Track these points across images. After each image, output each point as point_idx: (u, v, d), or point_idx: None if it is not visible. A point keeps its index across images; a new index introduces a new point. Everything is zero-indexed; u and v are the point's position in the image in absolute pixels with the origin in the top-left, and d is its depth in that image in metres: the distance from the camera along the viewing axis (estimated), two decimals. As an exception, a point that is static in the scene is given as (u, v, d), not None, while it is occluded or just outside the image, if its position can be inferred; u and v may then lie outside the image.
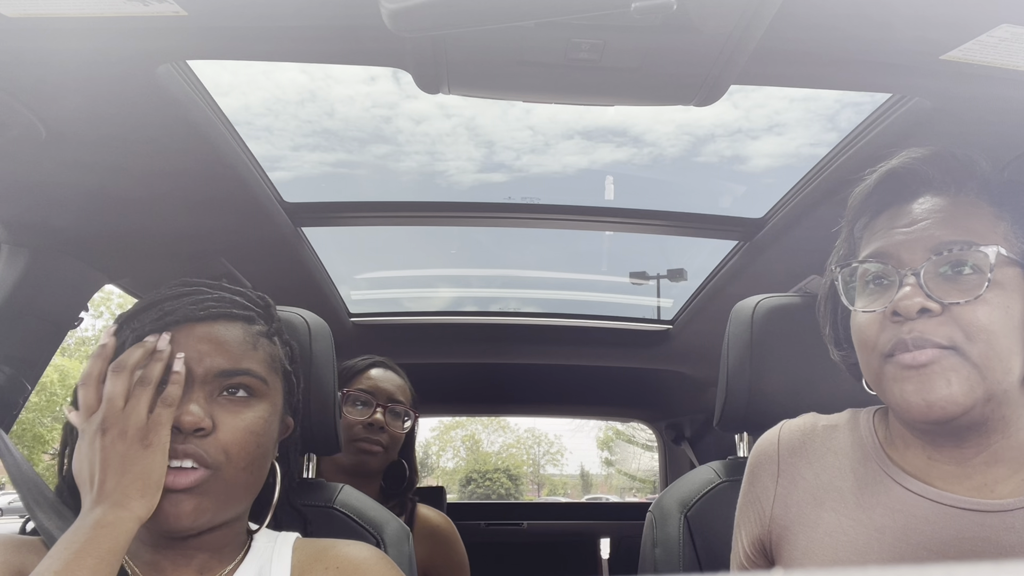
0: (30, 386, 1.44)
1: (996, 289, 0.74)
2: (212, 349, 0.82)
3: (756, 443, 0.95)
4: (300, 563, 0.87)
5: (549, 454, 30.78)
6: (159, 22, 0.83)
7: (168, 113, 1.03)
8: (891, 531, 0.78)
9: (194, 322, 0.83)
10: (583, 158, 2.31)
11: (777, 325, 1.18)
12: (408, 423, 1.72)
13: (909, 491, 0.79)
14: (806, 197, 1.39)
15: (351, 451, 1.64)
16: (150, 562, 0.82)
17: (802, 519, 0.85)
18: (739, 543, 0.95)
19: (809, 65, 0.93)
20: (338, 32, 0.87)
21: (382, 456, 1.67)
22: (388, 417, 1.67)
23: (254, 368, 0.85)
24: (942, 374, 0.73)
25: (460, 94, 0.94)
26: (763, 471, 0.91)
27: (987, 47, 0.85)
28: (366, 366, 1.73)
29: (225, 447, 0.80)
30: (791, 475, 0.89)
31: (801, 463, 0.88)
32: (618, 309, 2.55)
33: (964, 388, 0.72)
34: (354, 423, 1.65)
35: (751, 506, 0.93)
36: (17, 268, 1.38)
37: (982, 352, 0.72)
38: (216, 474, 0.79)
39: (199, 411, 0.79)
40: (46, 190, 1.23)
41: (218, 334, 0.84)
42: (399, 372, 1.77)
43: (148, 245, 1.49)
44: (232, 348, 0.84)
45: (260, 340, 0.87)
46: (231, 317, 0.86)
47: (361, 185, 2.72)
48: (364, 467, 1.66)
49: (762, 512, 0.90)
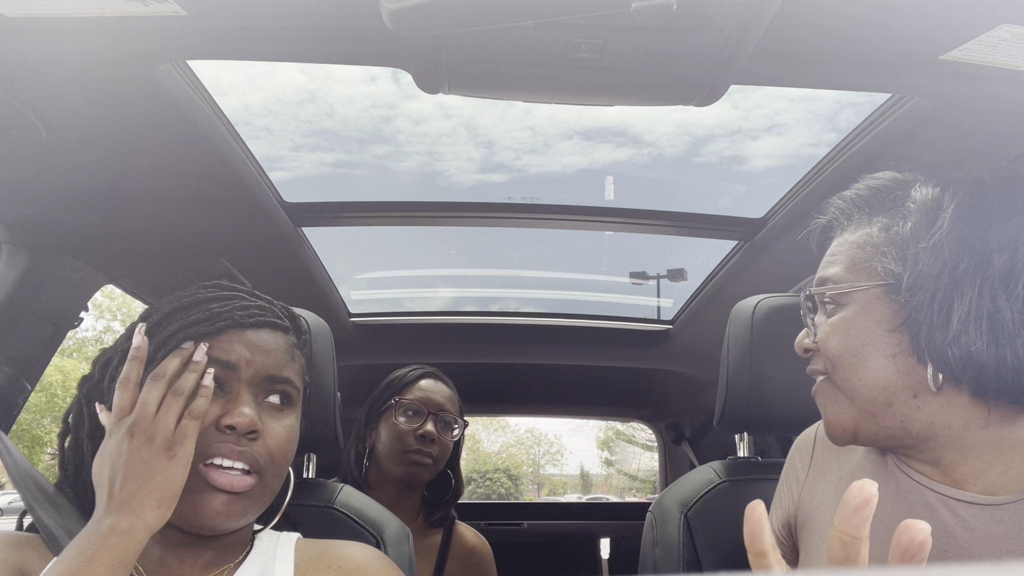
0: (30, 386, 1.44)
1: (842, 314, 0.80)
2: (261, 354, 0.83)
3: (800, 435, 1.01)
4: (302, 563, 0.88)
5: (549, 454, 30.81)
6: (159, 22, 0.83)
7: (168, 113, 1.03)
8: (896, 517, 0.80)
9: (243, 328, 0.84)
10: (583, 158, 2.32)
11: (777, 325, 1.18)
12: (457, 432, 1.71)
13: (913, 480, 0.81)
14: (806, 197, 1.39)
15: (403, 462, 1.62)
16: (159, 560, 0.82)
17: (823, 507, 0.90)
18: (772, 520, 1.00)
19: (809, 65, 0.93)
20: (338, 32, 0.87)
21: (432, 467, 1.65)
22: (438, 427, 1.66)
23: (292, 377, 0.87)
24: (823, 401, 0.84)
25: (460, 94, 0.94)
26: (798, 459, 0.98)
27: (987, 47, 0.85)
28: (416, 376, 1.72)
29: (271, 452, 0.82)
30: (820, 467, 0.94)
31: (831, 457, 0.94)
32: (618, 309, 2.55)
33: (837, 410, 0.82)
34: (406, 433, 1.63)
35: (785, 490, 0.99)
36: (17, 268, 1.38)
37: (841, 377, 0.80)
38: (261, 478, 0.81)
39: (253, 413, 0.80)
40: (46, 190, 1.23)
41: (265, 341, 0.85)
42: (447, 382, 1.76)
43: (148, 245, 1.49)
44: (277, 356, 0.85)
45: (295, 351, 0.89)
46: (274, 326, 0.87)
47: (361, 185, 2.72)
48: (415, 478, 1.64)
49: (792, 496, 0.97)
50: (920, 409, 0.77)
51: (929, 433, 0.77)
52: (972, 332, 0.71)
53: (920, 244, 0.75)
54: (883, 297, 0.78)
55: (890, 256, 0.77)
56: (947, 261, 0.73)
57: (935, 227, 0.75)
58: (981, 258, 0.73)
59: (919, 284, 0.74)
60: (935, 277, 0.73)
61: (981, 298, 0.71)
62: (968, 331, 0.71)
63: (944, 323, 0.72)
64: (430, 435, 1.63)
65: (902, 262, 0.76)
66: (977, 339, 0.71)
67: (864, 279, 0.79)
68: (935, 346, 0.73)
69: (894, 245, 0.78)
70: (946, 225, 0.74)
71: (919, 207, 0.78)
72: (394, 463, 1.63)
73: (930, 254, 0.74)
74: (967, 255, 0.73)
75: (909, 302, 0.75)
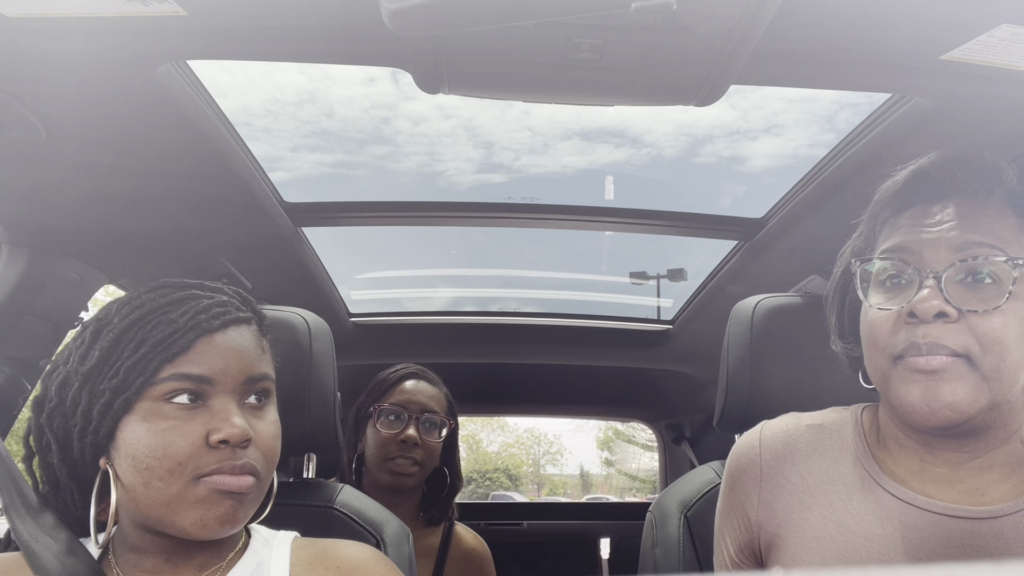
0: (30, 386, 1.44)
1: (1014, 301, 0.73)
2: (235, 358, 0.80)
3: (735, 447, 0.94)
4: (299, 562, 0.87)
5: (549, 454, 30.79)
6: (159, 22, 0.83)
7: (168, 113, 1.03)
8: (880, 538, 0.77)
9: (211, 332, 0.80)
10: (582, 159, 2.32)
11: (777, 325, 1.18)
12: (444, 432, 1.67)
13: (897, 498, 0.78)
14: (807, 196, 1.39)
15: (385, 469, 1.60)
16: (151, 568, 0.81)
17: (789, 523, 0.84)
18: (723, 549, 0.93)
19: (809, 65, 0.93)
20: (338, 32, 0.86)
21: (418, 472, 1.62)
22: (421, 430, 1.62)
23: (267, 371, 0.85)
24: (950, 382, 0.72)
25: (460, 94, 0.94)
26: (744, 476, 0.90)
27: (987, 47, 0.85)
28: (397, 379, 1.68)
29: (264, 454, 0.81)
30: (775, 479, 0.87)
31: (785, 466, 0.87)
32: (618, 309, 2.55)
33: (970, 397, 0.72)
34: (387, 440, 1.60)
35: (733, 513, 0.91)
36: (17, 268, 1.38)
37: (993, 364, 0.72)
38: (258, 480, 0.80)
39: (243, 423, 0.78)
40: (46, 190, 1.23)
41: (235, 342, 0.81)
42: (433, 380, 1.72)
43: (148, 245, 1.49)
44: (250, 354, 0.82)
45: (262, 341, 0.86)
46: (238, 321, 0.83)
47: (360, 185, 2.73)
48: (400, 485, 1.61)
49: (746, 519, 0.89)
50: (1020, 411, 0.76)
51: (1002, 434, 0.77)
52: None
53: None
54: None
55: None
56: None
57: None
58: None
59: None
60: None
61: None
62: None
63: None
64: (411, 439, 1.59)
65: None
66: None
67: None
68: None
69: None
70: None
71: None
72: (379, 470, 1.61)
73: None
74: None
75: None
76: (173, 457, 0.75)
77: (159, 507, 0.75)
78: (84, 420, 0.77)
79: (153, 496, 0.75)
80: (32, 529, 0.79)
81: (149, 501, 0.75)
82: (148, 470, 0.75)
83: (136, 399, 0.76)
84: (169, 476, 0.74)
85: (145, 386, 0.76)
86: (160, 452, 0.75)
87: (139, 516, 0.78)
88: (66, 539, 0.79)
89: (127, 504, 0.78)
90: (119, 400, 0.76)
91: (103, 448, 0.78)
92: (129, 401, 0.76)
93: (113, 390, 0.76)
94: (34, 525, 0.80)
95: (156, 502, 0.75)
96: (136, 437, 0.75)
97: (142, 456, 0.75)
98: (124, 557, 0.82)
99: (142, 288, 0.85)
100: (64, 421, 0.79)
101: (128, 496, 0.77)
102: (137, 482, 0.75)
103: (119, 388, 0.76)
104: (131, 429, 0.76)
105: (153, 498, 0.75)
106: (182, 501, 0.75)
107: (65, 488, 0.82)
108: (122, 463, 0.76)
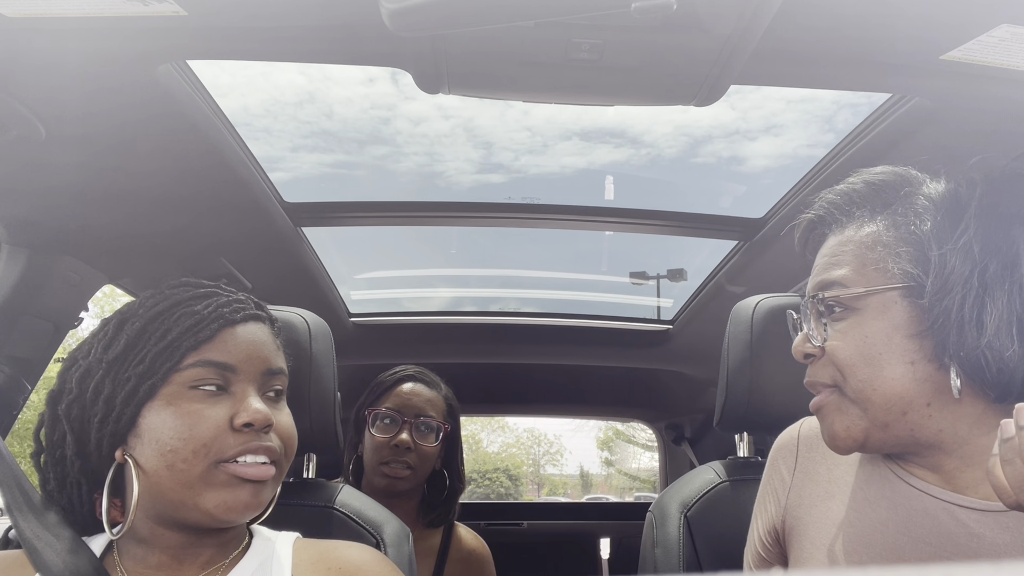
0: (30, 386, 1.44)
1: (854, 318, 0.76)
2: (256, 350, 0.84)
3: (779, 436, 0.98)
4: (301, 563, 0.87)
5: (549, 454, 30.80)
6: (159, 22, 0.83)
7: (168, 113, 1.03)
8: (893, 524, 0.78)
9: (234, 324, 0.83)
10: (581, 159, 2.31)
11: (777, 325, 1.18)
12: (440, 436, 1.64)
13: (911, 486, 0.79)
14: (807, 197, 1.39)
15: (379, 474, 1.59)
16: (156, 564, 0.82)
17: (813, 511, 0.87)
18: (755, 531, 0.97)
19: (809, 65, 0.93)
20: (338, 32, 0.87)
21: (412, 477, 1.60)
22: (416, 434, 1.61)
23: (284, 367, 0.88)
24: (830, 414, 0.79)
25: (460, 94, 0.94)
26: (782, 462, 0.94)
27: (987, 47, 0.85)
28: (393, 382, 1.67)
29: (284, 440, 0.83)
30: (807, 469, 0.91)
31: (817, 458, 0.90)
32: (618, 309, 2.55)
33: (847, 423, 0.77)
34: (381, 444, 1.59)
35: (769, 495, 0.95)
36: (17, 268, 1.38)
37: (854, 388, 0.76)
38: (278, 468, 0.82)
39: (265, 408, 0.81)
40: (46, 190, 1.23)
41: (255, 335, 0.85)
42: (431, 382, 1.70)
43: (148, 245, 1.49)
44: (269, 348, 0.86)
45: (277, 340, 0.90)
46: (257, 318, 0.87)
47: (360, 186, 2.72)
48: (393, 488, 1.60)
49: (778, 501, 0.93)
50: (931, 417, 0.74)
51: (936, 440, 0.75)
52: (1004, 337, 0.69)
53: (946, 245, 0.72)
54: (901, 301, 0.74)
55: (906, 257, 0.74)
56: (976, 263, 0.70)
57: (960, 227, 0.72)
58: (1008, 260, 0.70)
59: (947, 287, 0.70)
60: (964, 280, 0.70)
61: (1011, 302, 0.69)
62: (1000, 336, 0.69)
63: (977, 328, 0.69)
64: (404, 444, 1.58)
65: (921, 263, 0.73)
66: (1009, 344, 0.68)
67: (879, 281, 0.75)
68: (967, 352, 0.70)
69: (910, 245, 0.74)
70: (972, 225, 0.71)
71: (937, 205, 0.75)
72: (374, 473, 1.60)
73: (959, 256, 0.71)
74: (996, 257, 0.70)
75: (935, 306, 0.71)
76: (198, 439, 0.76)
77: (183, 489, 0.76)
78: (106, 408, 0.78)
79: (177, 478, 0.76)
80: (35, 527, 0.80)
81: (173, 484, 0.76)
82: (173, 452, 0.76)
83: (161, 384, 0.78)
84: (193, 457, 0.76)
85: (171, 372, 0.79)
86: (186, 434, 0.76)
87: (159, 504, 0.79)
88: (69, 537, 0.80)
89: (145, 494, 0.79)
90: (144, 386, 0.78)
91: (122, 438, 0.79)
92: (154, 387, 0.78)
93: (139, 376, 0.78)
94: (37, 523, 0.80)
95: (180, 484, 0.76)
96: (161, 420, 0.77)
97: (167, 439, 0.76)
98: (129, 554, 0.82)
99: (164, 285, 0.88)
100: (82, 411, 0.81)
101: (149, 483, 0.78)
102: (160, 465, 0.76)
103: (145, 374, 0.78)
104: (155, 414, 0.78)
105: (177, 480, 0.76)
106: (206, 483, 0.77)
107: (73, 484, 0.83)
108: (144, 449, 0.78)
